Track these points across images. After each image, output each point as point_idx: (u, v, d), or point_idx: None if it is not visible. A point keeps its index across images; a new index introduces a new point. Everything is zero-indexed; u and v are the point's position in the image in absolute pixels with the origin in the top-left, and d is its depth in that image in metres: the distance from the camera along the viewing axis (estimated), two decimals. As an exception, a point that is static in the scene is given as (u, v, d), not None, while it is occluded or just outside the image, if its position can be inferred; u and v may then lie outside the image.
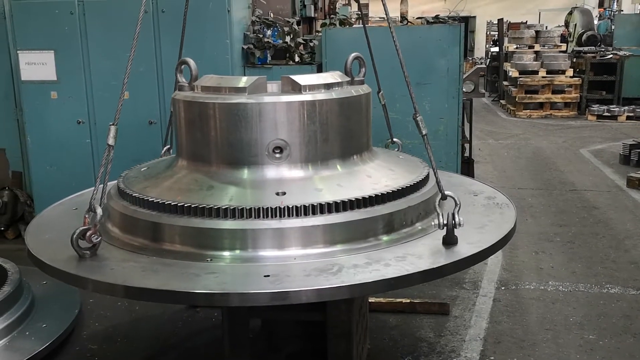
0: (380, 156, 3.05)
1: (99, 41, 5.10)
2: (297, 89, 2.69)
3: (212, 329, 4.04)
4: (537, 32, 15.53)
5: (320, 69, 5.15)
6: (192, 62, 2.84)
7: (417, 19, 6.93)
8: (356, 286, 2.21)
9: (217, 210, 2.44)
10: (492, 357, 3.70)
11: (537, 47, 15.03)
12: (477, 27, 26.73)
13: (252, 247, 2.43)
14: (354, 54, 2.98)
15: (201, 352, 3.84)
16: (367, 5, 18.85)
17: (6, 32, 5.47)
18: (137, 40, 2.64)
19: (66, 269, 2.39)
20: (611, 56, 13.87)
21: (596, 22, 18.77)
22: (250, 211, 2.42)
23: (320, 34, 5.50)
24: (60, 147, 5.30)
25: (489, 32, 25.39)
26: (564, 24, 18.53)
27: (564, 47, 15.54)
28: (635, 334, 3.94)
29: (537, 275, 4.89)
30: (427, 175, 2.89)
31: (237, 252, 2.43)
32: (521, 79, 13.59)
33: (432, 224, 2.51)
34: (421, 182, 2.83)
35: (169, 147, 3.50)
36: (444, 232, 2.48)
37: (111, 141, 2.55)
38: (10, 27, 5.34)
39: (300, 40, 5.69)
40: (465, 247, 2.49)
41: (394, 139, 3.65)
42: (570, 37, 17.27)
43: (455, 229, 2.47)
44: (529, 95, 13.56)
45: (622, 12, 20.78)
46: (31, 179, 5.50)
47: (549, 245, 5.56)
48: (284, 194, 2.53)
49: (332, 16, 8.02)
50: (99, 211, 2.46)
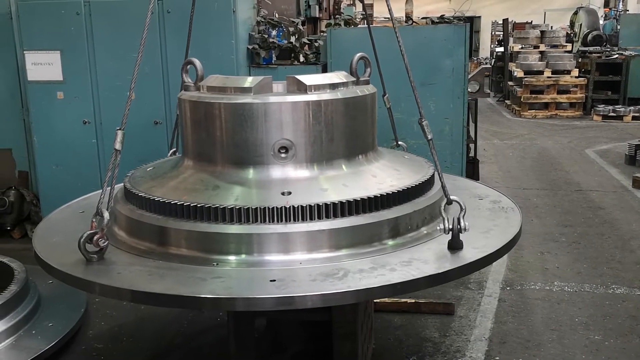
0: (385, 156, 3.05)
1: (104, 41, 5.12)
2: (303, 89, 2.70)
3: (217, 328, 4.05)
4: (542, 32, 15.52)
5: (325, 69, 5.16)
6: (198, 62, 2.85)
7: (422, 19, 6.92)
8: (362, 291, 2.20)
9: (223, 214, 2.44)
10: (497, 357, 3.69)
11: (543, 47, 15.00)
12: (482, 27, 26.69)
13: (258, 251, 2.43)
14: (359, 54, 2.98)
15: (206, 351, 3.85)
16: (371, 5, 18.84)
17: (12, 32, 5.51)
18: (144, 45, 2.65)
19: (74, 272, 2.40)
20: (617, 56, 13.83)
21: (602, 22, 18.71)
22: (256, 215, 2.43)
23: (325, 34, 5.51)
24: (66, 147, 5.32)
25: (494, 32, 25.35)
26: (569, 24, 18.50)
27: (569, 47, 15.51)
28: (641, 334, 3.93)
29: (543, 275, 4.88)
30: (432, 175, 2.89)
31: (243, 256, 2.44)
32: (526, 79, 13.56)
33: (438, 228, 2.50)
34: (426, 183, 2.83)
35: (174, 150, 3.50)
36: (449, 236, 2.48)
37: (118, 146, 2.56)
38: (16, 27, 5.37)
39: (305, 40, 5.70)
40: (470, 252, 2.48)
41: (399, 142, 3.65)
42: (575, 37, 17.22)
43: (460, 234, 2.47)
44: (534, 95, 13.53)
45: (627, 12, 20.71)
46: (37, 178, 5.52)
47: (554, 245, 5.55)
48: (290, 193, 2.53)
49: (336, 16, 8.03)
50: (106, 215, 2.46)
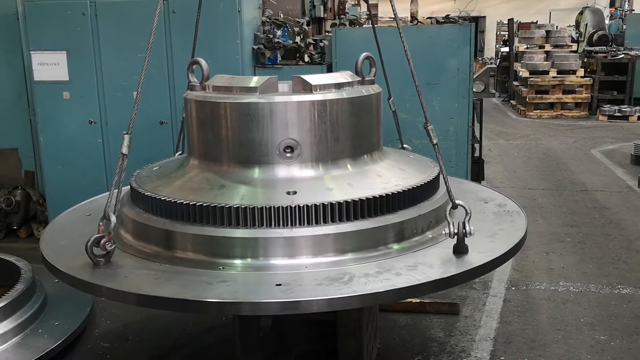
0: (390, 156, 3.06)
1: (110, 42, 5.14)
2: (308, 88, 2.70)
3: (222, 328, 4.06)
4: (547, 32, 15.47)
5: (330, 69, 5.16)
6: (203, 62, 2.86)
7: (427, 18, 6.92)
8: (367, 296, 2.21)
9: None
10: (502, 357, 3.69)
11: (548, 47, 14.96)
12: (487, 27, 26.62)
13: (264, 255, 2.44)
14: (364, 54, 2.99)
15: (211, 351, 3.86)
16: (376, 5, 18.82)
17: (19, 32, 5.54)
18: (150, 50, 2.65)
19: (81, 276, 2.42)
20: (622, 56, 13.79)
21: (607, 21, 18.65)
22: (261, 216, 2.44)
23: (330, 34, 5.51)
24: (72, 146, 5.34)
25: (499, 32, 25.29)
26: (574, 24, 18.44)
27: (574, 47, 15.46)
28: (646, 335, 3.92)
29: (548, 275, 4.88)
30: (438, 176, 2.89)
31: (249, 260, 2.44)
32: (531, 79, 13.53)
33: (443, 232, 2.51)
34: (432, 182, 2.83)
35: (180, 153, 3.50)
36: (454, 240, 2.48)
37: (125, 150, 2.57)
38: (23, 27, 5.39)
39: (310, 40, 5.70)
40: (476, 256, 2.48)
41: (404, 145, 3.65)
42: (581, 37, 17.17)
43: (465, 238, 2.47)
44: (539, 95, 13.50)
45: (633, 12, 20.62)
46: (43, 178, 5.55)
47: (559, 245, 5.54)
48: (295, 193, 2.54)
49: (341, 16, 8.03)
50: (113, 219, 2.47)
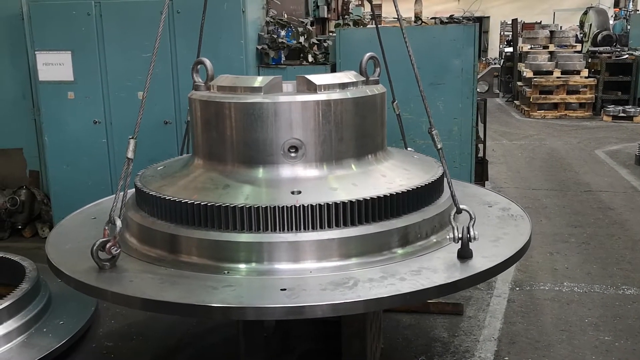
0: (394, 156, 3.06)
1: (115, 42, 5.15)
2: (313, 88, 2.71)
3: (226, 327, 4.06)
4: (551, 32, 15.43)
5: (334, 69, 5.16)
6: (208, 62, 2.86)
7: (431, 19, 6.91)
8: (372, 301, 2.21)
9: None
10: (506, 358, 3.69)
11: (552, 48, 14.93)
12: (490, 27, 26.58)
13: (268, 259, 2.45)
14: (368, 54, 2.99)
15: (215, 350, 3.86)
16: (380, 5, 18.81)
17: (24, 33, 5.56)
18: (155, 55, 2.67)
19: (86, 280, 2.43)
20: (627, 56, 13.74)
21: (612, 22, 18.60)
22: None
23: (334, 35, 5.51)
24: (76, 146, 5.35)
25: (502, 33, 25.24)
26: (578, 24, 18.40)
27: (578, 47, 15.43)
28: (651, 335, 3.91)
29: (552, 276, 4.87)
30: (441, 178, 2.89)
31: (254, 264, 2.45)
32: (535, 79, 13.50)
33: (447, 237, 2.51)
34: (435, 186, 2.83)
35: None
36: (459, 245, 2.48)
37: (130, 154, 2.58)
38: (28, 28, 5.41)
39: (314, 40, 5.70)
40: (480, 261, 2.48)
41: (408, 148, 3.65)
42: (585, 37, 17.13)
43: (470, 243, 2.48)
44: (543, 95, 13.47)
45: (638, 12, 20.58)
46: (48, 178, 5.56)
47: (563, 246, 5.53)
48: (300, 192, 2.54)
49: (345, 17, 8.03)
50: (119, 223, 2.48)
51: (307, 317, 2.24)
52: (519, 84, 14.88)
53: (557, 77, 13.60)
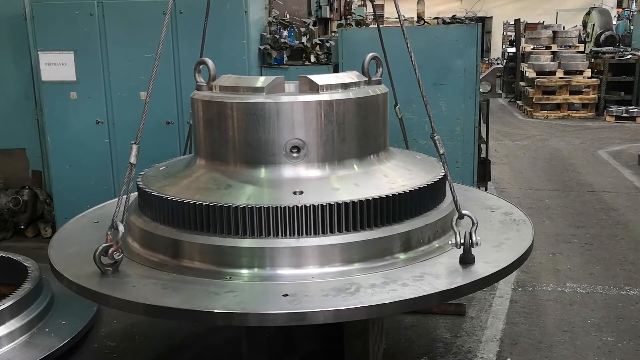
0: (397, 156, 3.05)
1: (117, 42, 5.15)
2: (315, 88, 2.71)
3: (228, 327, 4.06)
4: (554, 32, 15.41)
5: (336, 70, 5.16)
6: (210, 62, 2.87)
7: (434, 19, 6.91)
8: (374, 307, 2.21)
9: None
10: (508, 359, 3.68)
11: (555, 48, 14.91)
12: (493, 27, 26.55)
13: (270, 265, 2.45)
14: (371, 54, 2.99)
15: (218, 350, 3.86)
16: (382, 6, 18.78)
17: (27, 33, 5.56)
18: (158, 59, 2.69)
19: (89, 285, 2.43)
20: (630, 57, 13.71)
21: (615, 22, 18.57)
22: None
23: (336, 35, 5.51)
24: (79, 146, 5.35)
25: (505, 33, 25.23)
26: (581, 24, 18.37)
27: (581, 47, 15.40)
28: (654, 336, 3.90)
29: (555, 276, 4.86)
30: (444, 182, 2.87)
31: (256, 270, 2.45)
32: (538, 79, 13.48)
33: (450, 242, 2.51)
34: (438, 187, 2.82)
35: None
36: (461, 250, 2.48)
37: (133, 160, 2.59)
38: (31, 28, 5.42)
39: (316, 40, 5.70)
40: (482, 267, 2.48)
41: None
42: (588, 38, 17.10)
43: (472, 248, 2.47)
44: (546, 96, 13.44)
45: (641, 12, 20.52)
46: (51, 178, 5.56)
47: (566, 246, 5.52)
48: (302, 193, 2.54)
49: (348, 17, 8.03)
50: (121, 228, 2.49)
51: (309, 324, 2.23)
52: (522, 84, 14.86)
53: (560, 78, 13.57)
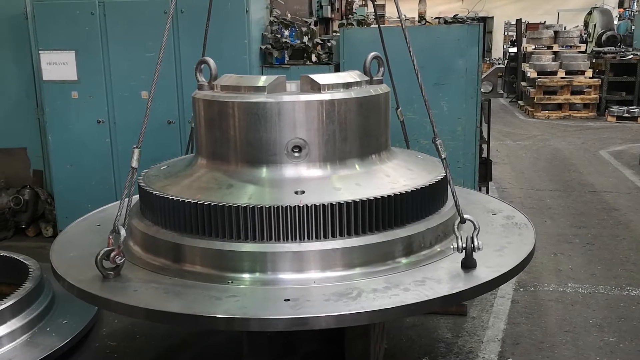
0: (398, 156, 3.05)
1: (119, 41, 5.15)
2: (316, 88, 2.70)
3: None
4: (555, 32, 15.41)
5: (337, 69, 5.15)
6: (211, 62, 2.86)
7: (435, 19, 6.90)
8: (376, 312, 2.21)
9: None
10: (510, 359, 3.67)
11: (556, 48, 14.90)
12: (494, 27, 26.53)
13: (272, 269, 2.45)
14: (373, 54, 2.98)
15: (219, 350, 3.86)
16: (383, 5, 18.77)
17: (28, 32, 5.56)
18: (160, 64, 2.67)
19: (91, 290, 2.43)
20: (631, 57, 13.70)
21: (616, 22, 18.55)
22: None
23: (337, 34, 5.50)
24: (80, 146, 5.35)
25: (506, 33, 25.22)
26: (582, 24, 18.36)
27: (583, 47, 15.39)
28: (656, 337, 3.89)
29: (556, 277, 4.85)
30: (446, 186, 2.86)
31: (257, 274, 2.45)
32: (540, 79, 13.47)
33: (451, 247, 2.51)
34: (439, 189, 2.82)
35: None
36: (462, 254, 2.48)
37: (135, 164, 2.59)
38: (32, 27, 5.41)
39: (318, 40, 5.70)
40: (484, 272, 2.48)
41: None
42: (589, 38, 17.09)
43: (474, 252, 2.47)
44: (547, 96, 13.44)
45: (642, 12, 20.50)
46: (52, 177, 5.56)
47: (567, 246, 5.51)
48: (303, 192, 2.54)
49: (349, 16, 8.03)
50: (123, 232, 2.49)
51: (310, 329, 2.23)
52: (523, 84, 14.84)
53: (561, 78, 13.56)
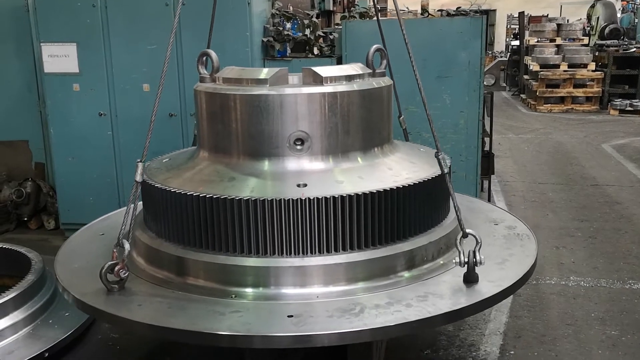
0: (401, 149, 3.04)
1: (120, 34, 5.13)
2: (319, 80, 2.69)
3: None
4: (558, 25, 15.34)
5: (339, 62, 5.14)
6: (213, 54, 2.86)
7: (438, 11, 6.87)
8: (378, 330, 2.20)
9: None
10: (512, 352, 3.67)
11: (559, 41, 14.83)
12: (497, 20, 26.40)
13: (275, 284, 2.46)
14: (375, 46, 2.97)
15: (220, 349, 3.85)
16: (385, -2, 18.67)
17: (30, 25, 5.54)
18: (167, 65, 2.67)
19: (95, 304, 2.42)
20: (634, 50, 13.64)
21: (619, 15, 18.47)
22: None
23: (339, 27, 5.48)
24: (82, 138, 5.35)
25: (509, 26, 25.14)
26: (585, 17, 18.29)
27: (585, 40, 15.33)
28: (658, 330, 3.89)
29: (558, 270, 4.85)
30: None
31: (260, 289, 2.45)
32: (542, 72, 13.42)
33: (454, 262, 2.50)
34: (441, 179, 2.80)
35: None
36: (465, 267, 2.48)
37: (139, 178, 2.59)
38: (33, 19, 5.40)
39: (320, 33, 5.68)
40: (486, 286, 2.48)
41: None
42: (592, 31, 17.02)
43: (476, 267, 2.47)
44: (550, 89, 13.40)
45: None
46: (54, 170, 5.57)
47: (570, 240, 5.50)
48: (305, 185, 2.53)
49: (351, 9, 7.99)
50: (127, 246, 2.49)
51: (314, 346, 2.23)
52: (526, 77, 14.80)
53: (564, 71, 13.51)
